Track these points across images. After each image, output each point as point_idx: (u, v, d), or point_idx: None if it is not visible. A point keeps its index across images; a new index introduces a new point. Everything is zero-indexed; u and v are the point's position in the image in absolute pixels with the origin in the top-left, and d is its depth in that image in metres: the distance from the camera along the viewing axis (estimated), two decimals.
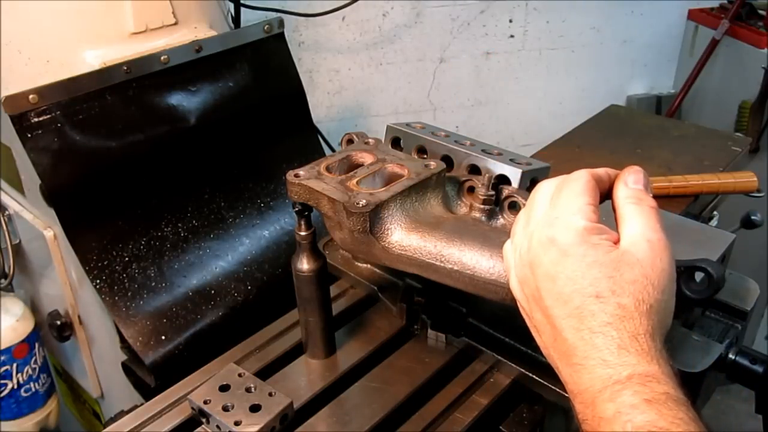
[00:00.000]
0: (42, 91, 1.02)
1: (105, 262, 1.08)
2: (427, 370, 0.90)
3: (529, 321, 0.66)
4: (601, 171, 0.66)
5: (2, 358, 1.20)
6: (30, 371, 1.25)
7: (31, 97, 1.01)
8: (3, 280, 1.26)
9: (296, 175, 0.82)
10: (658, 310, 0.58)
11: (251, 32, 1.27)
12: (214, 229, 1.21)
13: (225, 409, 0.80)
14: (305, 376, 0.91)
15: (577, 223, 0.61)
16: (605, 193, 0.66)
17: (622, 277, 0.57)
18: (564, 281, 0.59)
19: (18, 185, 1.21)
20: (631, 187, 0.64)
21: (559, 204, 0.63)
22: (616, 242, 0.61)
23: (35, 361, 1.25)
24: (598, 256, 0.59)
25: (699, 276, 0.73)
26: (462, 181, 0.87)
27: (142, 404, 0.89)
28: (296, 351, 0.95)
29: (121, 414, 0.89)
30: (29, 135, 1.02)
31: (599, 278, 0.58)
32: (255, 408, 0.80)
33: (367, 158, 0.87)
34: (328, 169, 0.83)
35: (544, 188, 0.67)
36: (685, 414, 0.52)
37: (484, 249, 0.75)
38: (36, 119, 1.03)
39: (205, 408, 0.80)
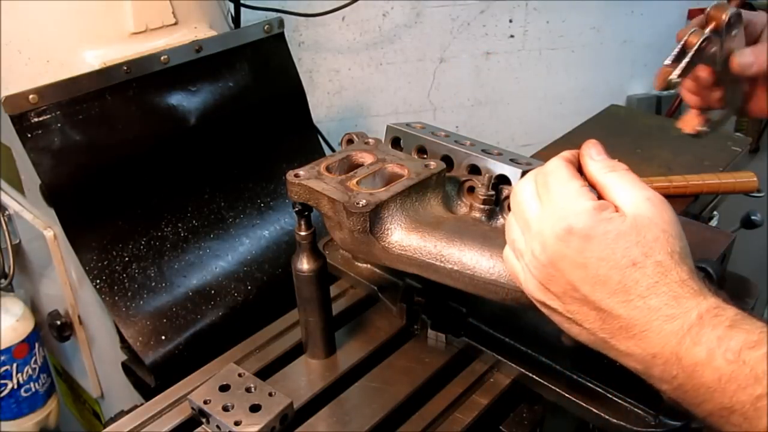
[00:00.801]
0: (42, 91, 1.02)
1: (105, 262, 1.08)
2: (427, 370, 0.90)
3: (560, 316, 0.66)
4: (568, 154, 0.68)
5: (2, 358, 1.20)
6: (30, 371, 1.25)
7: (31, 97, 1.01)
8: (3, 280, 1.26)
9: (296, 175, 0.82)
10: (687, 255, 0.60)
11: (251, 32, 1.27)
12: (214, 229, 1.21)
13: (225, 409, 0.80)
14: (305, 376, 0.91)
15: (585, 205, 0.61)
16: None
17: (645, 238, 0.59)
18: (596, 264, 0.60)
19: (18, 185, 1.21)
20: (597, 159, 0.67)
21: (555, 196, 0.63)
22: (618, 211, 0.62)
23: (35, 361, 1.25)
24: (618, 228, 0.60)
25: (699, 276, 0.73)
26: (462, 181, 0.87)
27: (142, 404, 0.89)
28: (296, 351, 0.95)
29: (121, 414, 0.89)
30: (29, 135, 1.02)
31: (628, 247, 0.59)
32: (255, 408, 0.80)
33: (367, 158, 0.87)
34: (328, 169, 0.83)
35: (525, 189, 0.67)
36: (762, 321, 0.54)
37: (484, 249, 0.75)
38: (36, 119, 1.03)
39: (205, 408, 0.80)
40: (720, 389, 0.54)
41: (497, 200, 0.84)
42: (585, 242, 0.60)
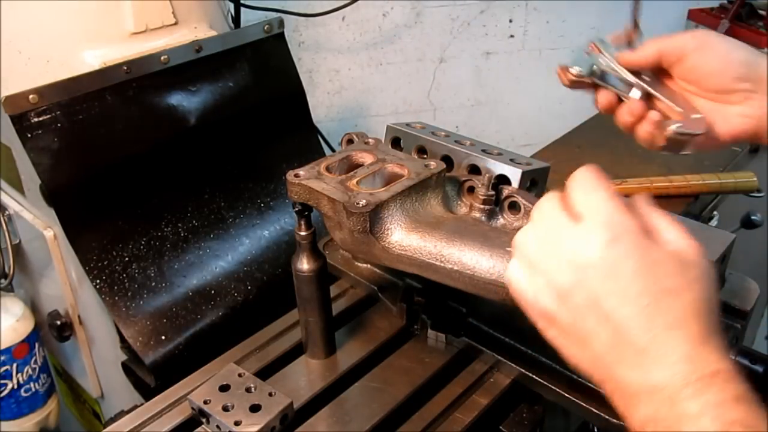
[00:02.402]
0: (42, 91, 1.02)
1: (105, 262, 1.08)
2: (427, 370, 0.90)
3: (566, 337, 0.61)
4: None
5: (2, 358, 1.20)
6: (30, 371, 1.25)
7: (31, 97, 1.01)
8: (3, 280, 1.26)
9: (296, 175, 0.82)
10: (717, 309, 0.57)
11: (251, 32, 1.27)
12: (214, 229, 1.21)
13: (225, 409, 0.80)
14: (305, 376, 0.91)
15: (632, 223, 0.58)
16: None
17: (688, 274, 0.57)
18: (630, 278, 0.56)
19: (18, 185, 1.21)
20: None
21: (599, 209, 0.59)
22: None
23: (35, 361, 1.25)
24: (662, 254, 0.57)
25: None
26: (462, 181, 0.87)
27: (142, 404, 0.89)
28: (296, 351, 0.95)
29: (121, 414, 0.89)
30: (29, 135, 1.02)
31: (668, 274, 0.56)
32: (255, 408, 0.80)
33: (367, 158, 0.87)
34: (328, 169, 0.83)
35: (553, 201, 0.63)
36: (765, 412, 0.51)
37: (484, 249, 0.75)
38: (36, 119, 1.03)
39: (205, 408, 0.80)
40: None
41: (497, 200, 0.84)
42: (626, 256, 0.57)
